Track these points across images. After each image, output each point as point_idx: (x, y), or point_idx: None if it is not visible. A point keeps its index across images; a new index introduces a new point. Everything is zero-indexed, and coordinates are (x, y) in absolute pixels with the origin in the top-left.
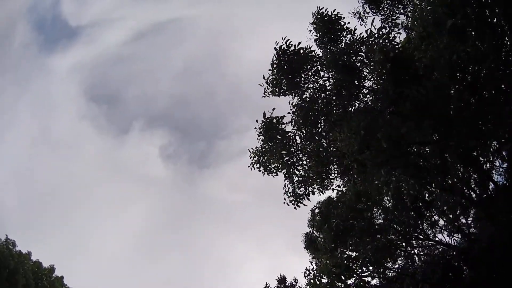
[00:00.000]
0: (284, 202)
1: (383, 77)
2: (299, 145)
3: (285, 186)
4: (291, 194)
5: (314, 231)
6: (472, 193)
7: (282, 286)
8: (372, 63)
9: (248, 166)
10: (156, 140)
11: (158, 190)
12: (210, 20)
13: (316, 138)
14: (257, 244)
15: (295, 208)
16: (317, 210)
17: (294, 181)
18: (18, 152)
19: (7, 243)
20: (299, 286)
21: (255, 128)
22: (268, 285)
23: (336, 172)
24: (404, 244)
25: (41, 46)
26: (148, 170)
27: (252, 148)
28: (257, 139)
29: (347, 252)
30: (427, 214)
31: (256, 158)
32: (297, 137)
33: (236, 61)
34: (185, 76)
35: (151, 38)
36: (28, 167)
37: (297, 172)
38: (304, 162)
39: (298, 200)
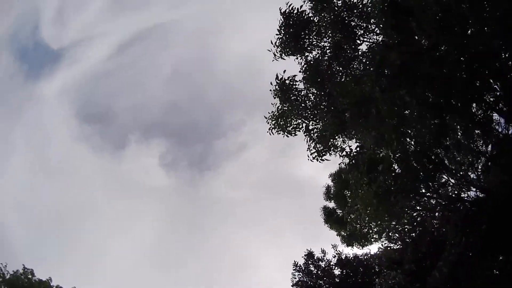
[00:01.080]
0: (308, 159)
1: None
2: (313, 102)
3: (306, 142)
4: (313, 150)
5: (332, 202)
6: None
7: (310, 260)
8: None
9: (267, 132)
10: (154, 150)
11: (163, 199)
12: (193, 21)
13: (327, 92)
14: (270, 237)
15: (319, 161)
16: (331, 180)
17: (314, 136)
18: (19, 182)
19: (25, 273)
20: (326, 258)
21: (270, 90)
22: (296, 262)
23: (352, 122)
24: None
25: (27, 75)
26: (150, 181)
27: (268, 113)
28: (272, 104)
29: None
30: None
31: (274, 122)
32: (310, 95)
33: (223, 58)
34: (174, 80)
35: (135, 47)
36: (30, 196)
37: (316, 127)
38: (320, 117)
39: (321, 155)
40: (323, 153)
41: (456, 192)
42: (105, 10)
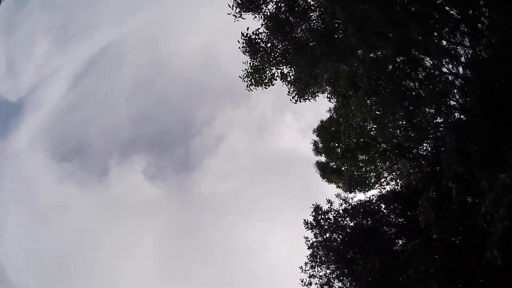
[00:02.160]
0: (290, 101)
1: None
2: (281, 50)
3: (285, 86)
4: (293, 93)
5: (323, 156)
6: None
7: (319, 214)
8: None
9: (246, 89)
10: (136, 166)
11: (159, 210)
12: (139, 32)
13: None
14: (272, 217)
15: (301, 101)
16: (316, 135)
17: (291, 80)
18: (19, 235)
19: None
20: (333, 208)
21: (239, 48)
22: (306, 220)
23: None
24: None
25: None
26: (141, 197)
27: (243, 71)
28: (243, 62)
29: None
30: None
31: (250, 79)
32: (277, 43)
33: (178, 58)
34: (137, 93)
35: (91, 73)
36: (32, 245)
37: (290, 71)
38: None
39: (301, 95)
40: (303, 96)
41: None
42: (52, 47)
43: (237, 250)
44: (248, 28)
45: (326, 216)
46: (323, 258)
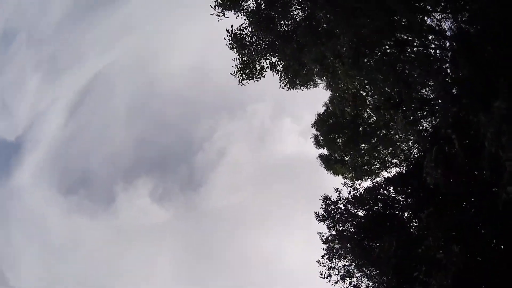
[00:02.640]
0: (281, 87)
1: None
2: (267, 42)
3: (278, 75)
4: (284, 82)
5: (325, 149)
6: None
7: (328, 204)
8: None
9: (238, 84)
10: (142, 190)
11: (170, 232)
12: (130, 55)
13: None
14: (284, 224)
15: (292, 89)
16: (315, 130)
17: (281, 69)
18: (35, 274)
19: None
20: (342, 197)
21: (226, 44)
22: (318, 212)
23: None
24: None
25: None
26: (150, 220)
27: (233, 67)
28: (232, 59)
29: None
30: None
31: (241, 73)
32: (262, 36)
33: (169, 77)
34: (134, 116)
35: (85, 103)
36: (49, 281)
37: (279, 61)
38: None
39: (292, 83)
40: (294, 81)
41: None
42: (43, 82)
43: (254, 261)
44: (232, 26)
45: (336, 206)
46: (339, 250)
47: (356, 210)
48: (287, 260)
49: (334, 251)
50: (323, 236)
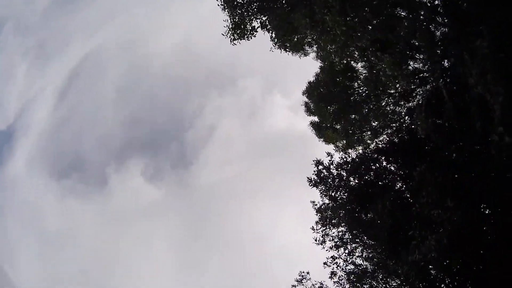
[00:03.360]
0: (272, 49)
1: None
2: (259, 4)
3: (269, 34)
4: (276, 42)
5: (316, 117)
6: None
7: (320, 168)
8: None
9: (230, 43)
10: (135, 170)
11: (164, 210)
12: (117, 37)
13: None
14: (277, 198)
15: (286, 51)
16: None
17: (271, 29)
18: (33, 261)
19: None
20: (334, 161)
21: (218, 5)
22: (310, 177)
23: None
24: None
25: None
26: (145, 200)
27: (224, 28)
28: (224, 20)
29: None
30: None
31: (232, 33)
32: None
33: (157, 56)
34: (123, 97)
35: (74, 86)
36: (48, 267)
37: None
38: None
39: (282, 43)
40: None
41: None
42: (31, 69)
43: (248, 234)
44: None
45: (329, 171)
46: (332, 219)
47: (348, 176)
48: (281, 233)
49: (328, 220)
50: (316, 205)
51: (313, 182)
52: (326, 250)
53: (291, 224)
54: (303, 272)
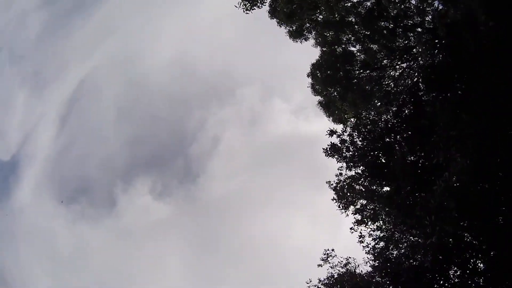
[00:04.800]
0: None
1: None
2: None
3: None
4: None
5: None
6: None
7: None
8: None
9: (244, 12)
10: (142, 189)
11: (175, 227)
12: (111, 58)
13: None
14: (288, 203)
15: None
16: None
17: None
18: (49, 285)
19: None
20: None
21: None
22: (326, 148)
23: None
24: None
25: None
26: (154, 218)
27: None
28: None
29: None
30: None
31: (245, 5)
32: None
33: (154, 73)
34: (123, 117)
35: (74, 111)
36: None
37: None
38: None
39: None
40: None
41: None
42: (30, 98)
43: (262, 242)
44: None
45: (342, 138)
46: (350, 198)
47: (362, 142)
48: (295, 237)
49: (345, 198)
50: (332, 184)
51: (329, 151)
52: (347, 215)
53: (304, 227)
54: (328, 250)
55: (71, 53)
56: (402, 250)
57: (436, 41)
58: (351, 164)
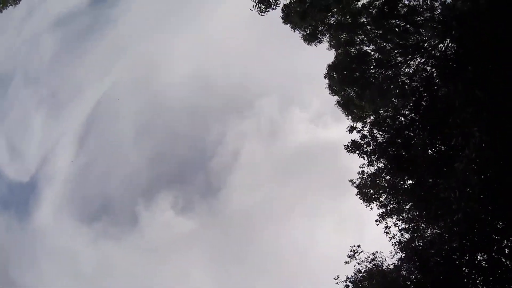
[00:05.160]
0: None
1: None
2: None
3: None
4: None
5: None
6: None
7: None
8: None
9: (259, 15)
10: (164, 204)
11: (198, 241)
12: (129, 74)
13: None
14: (312, 214)
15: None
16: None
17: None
18: None
19: None
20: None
21: None
22: (347, 144)
23: None
24: None
25: (19, 220)
26: (177, 233)
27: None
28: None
29: None
30: None
31: (259, 7)
32: None
33: (171, 89)
34: (142, 134)
35: (93, 130)
36: None
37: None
38: None
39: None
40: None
41: None
42: (48, 119)
43: (288, 254)
44: None
45: (362, 133)
46: (373, 194)
47: (382, 137)
48: (320, 244)
49: (368, 195)
50: (355, 182)
51: (350, 147)
52: (371, 209)
53: (329, 234)
54: (354, 246)
55: (87, 73)
56: (428, 238)
57: (448, 33)
58: (373, 158)
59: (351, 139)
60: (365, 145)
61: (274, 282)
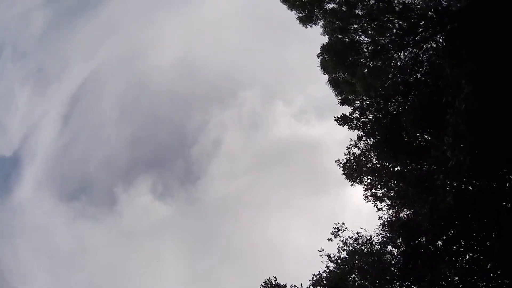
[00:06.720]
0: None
1: None
2: None
3: None
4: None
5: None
6: None
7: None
8: None
9: None
10: (143, 189)
11: (175, 227)
12: (115, 57)
13: None
14: (287, 206)
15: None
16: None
17: None
18: (47, 282)
19: None
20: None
21: None
22: (337, 116)
23: None
24: None
25: None
26: (155, 218)
27: None
28: None
29: None
30: None
31: None
32: None
33: (156, 74)
34: (125, 116)
35: (77, 109)
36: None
37: None
38: None
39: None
40: None
41: None
42: (33, 95)
43: (260, 245)
44: None
45: (356, 106)
46: (359, 175)
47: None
48: (293, 240)
49: (355, 174)
50: (340, 163)
51: (342, 120)
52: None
53: (303, 230)
54: (338, 223)
55: (75, 52)
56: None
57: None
58: (363, 134)
59: (342, 113)
60: (355, 121)
61: (244, 272)
